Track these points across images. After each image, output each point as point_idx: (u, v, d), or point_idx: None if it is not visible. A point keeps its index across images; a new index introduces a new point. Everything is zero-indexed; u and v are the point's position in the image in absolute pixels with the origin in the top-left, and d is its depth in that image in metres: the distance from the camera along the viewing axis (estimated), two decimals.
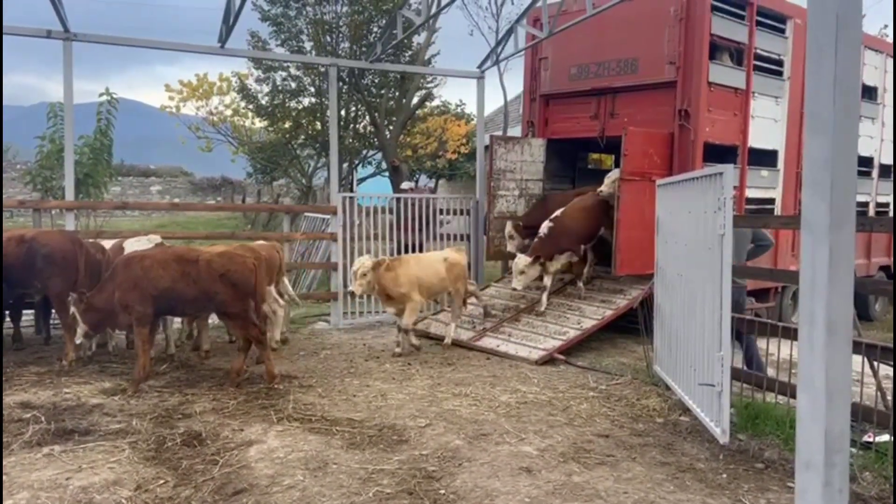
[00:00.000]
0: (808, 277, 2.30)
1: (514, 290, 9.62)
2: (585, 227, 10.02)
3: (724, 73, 9.84)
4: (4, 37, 8.75)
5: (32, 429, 5.49)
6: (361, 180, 23.70)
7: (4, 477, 4.65)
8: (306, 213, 15.09)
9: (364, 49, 18.82)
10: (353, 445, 5.44)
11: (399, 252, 10.91)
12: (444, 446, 5.44)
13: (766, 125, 10.40)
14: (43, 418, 5.72)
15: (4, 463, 4.88)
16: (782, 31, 10.51)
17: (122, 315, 7.04)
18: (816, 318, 2.24)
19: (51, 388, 6.68)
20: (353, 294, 8.54)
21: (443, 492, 4.60)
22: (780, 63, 10.55)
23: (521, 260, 9.46)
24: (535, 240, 9.84)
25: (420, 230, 11.35)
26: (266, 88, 21.24)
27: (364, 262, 8.42)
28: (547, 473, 4.93)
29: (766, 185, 10.46)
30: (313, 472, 4.90)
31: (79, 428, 5.60)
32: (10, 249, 7.44)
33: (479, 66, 12.18)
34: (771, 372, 6.48)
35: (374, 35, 18.82)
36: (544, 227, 9.76)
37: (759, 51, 10.18)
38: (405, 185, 12.98)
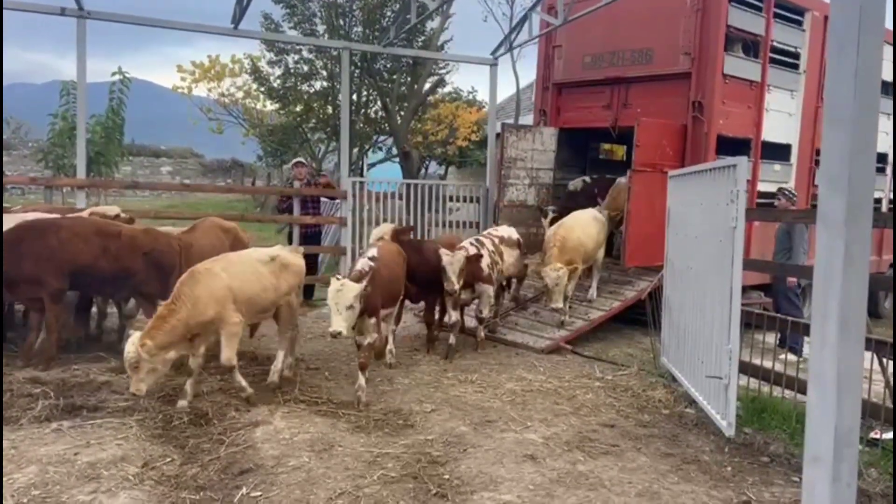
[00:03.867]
0: (823, 272, 2.28)
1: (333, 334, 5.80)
2: (396, 283, 7.06)
3: (740, 65, 9.76)
4: (19, 13, 8.78)
5: (42, 404, 5.53)
6: (372, 166, 23.69)
7: (14, 451, 4.70)
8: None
9: (377, 33, 18.76)
10: (359, 428, 5.46)
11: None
12: (449, 432, 5.46)
13: (781, 119, 10.33)
14: (52, 394, 5.76)
15: (13, 437, 4.93)
16: (800, 23, 10.41)
17: (25, 287, 6.49)
18: (829, 312, 2.23)
19: (60, 364, 6.73)
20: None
21: (447, 477, 4.62)
22: (796, 56, 10.46)
23: (353, 287, 5.87)
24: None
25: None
26: (278, 71, 21.25)
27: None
28: (551, 461, 4.94)
29: (779, 180, 10.39)
30: (319, 453, 4.93)
31: (87, 404, 5.64)
32: None
33: (493, 53, 12.11)
34: (777, 367, 6.46)
35: (387, 19, 18.77)
36: (364, 262, 6.46)
37: (775, 43, 10.09)
38: (294, 161, 12.27)
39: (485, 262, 7.98)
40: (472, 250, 7.87)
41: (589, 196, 10.87)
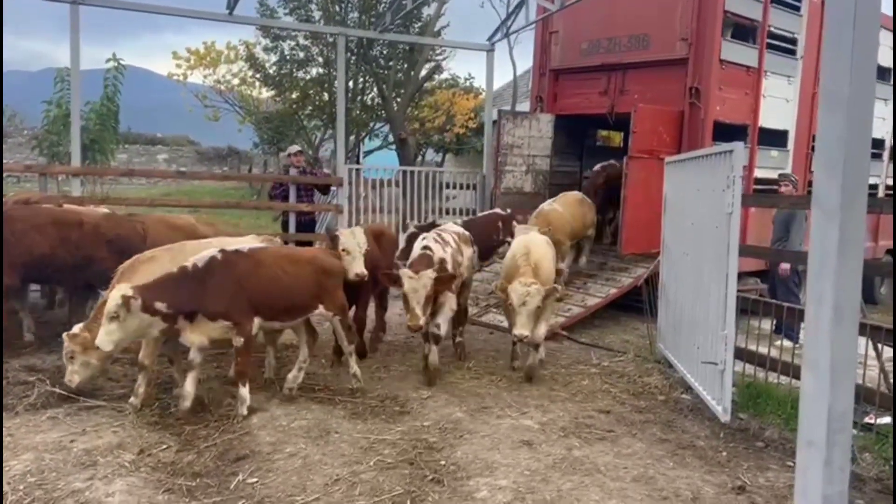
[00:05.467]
0: (817, 257, 2.27)
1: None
2: (277, 290, 5.70)
3: (737, 51, 9.73)
4: (13, 0, 8.71)
5: (37, 392, 5.53)
6: (368, 153, 23.61)
7: (9, 438, 4.71)
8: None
9: (373, 19, 18.63)
10: (355, 415, 5.47)
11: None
12: (445, 418, 5.47)
13: (778, 105, 10.30)
14: (48, 381, 5.75)
15: (9, 425, 4.93)
16: (797, 8, 10.37)
17: None
18: (824, 297, 2.23)
19: (56, 352, 6.70)
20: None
21: (443, 463, 4.64)
22: (793, 42, 10.42)
23: (115, 295, 4.88)
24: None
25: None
26: (274, 58, 21.11)
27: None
28: (547, 447, 4.96)
29: (776, 166, 10.38)
30: (315, 440, 4.94)
31: (83, 392, 5.63)
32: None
33: (489, 39, 12.06)
34: (773, 353, 6.48)
35: (383, 5, 18.63)
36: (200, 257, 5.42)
37: (772, 29, 10.04)
38: (292, 148, 11.35)
39: (451, 264, 6.53)
40: (438, 252, 6.41)
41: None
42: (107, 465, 4.39)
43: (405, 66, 20.58)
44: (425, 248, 6.45)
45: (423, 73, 20.99)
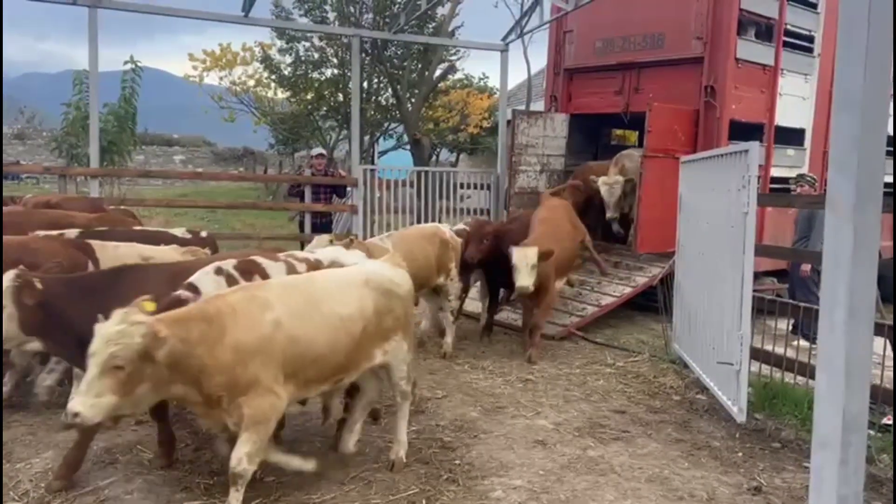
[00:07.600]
0: (831, 257, 2.27)
1: None
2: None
3: (753, 50, 9.65)
4: (32, 3, 8.86)
5: (58, 391, 5.59)
6: (383, 153, 23.67)
7: (31, 437, 4.78)
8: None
9: (387, 20, 18.70)
10: (370, 414, 5.48)
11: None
12: (460, 418, 5.49)
13: (794, 103, 10.21)
14: (66, 381, 5.82)
15: (31, 423, 5.01)
16: (814, 5, 10.28)
17: None
18: (838, 298, 2.22)
19: None
20: None
21: (458, 462, 4.65)
22: (810, 39, 10.32)
23: None
24: None
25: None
26: (289, 59, 21.27)
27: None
28: (562, 447, 4.96)
29: (792, 165, 10.30)
30: (331, 439, 4.96)
31: None
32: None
33: (503, 39, 12.05)
34: (790, 353, 6.43)
35: (397, 6, 18.68)
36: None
37: (789, 26, 9.96)
38: (315, 151, 11.82)
39: None
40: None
41: None
42: (126, 464, 4.45)
43: (419, 66, 20.65)
44: (189, 285, 4.12)
45: (438, 73, 21.03)
